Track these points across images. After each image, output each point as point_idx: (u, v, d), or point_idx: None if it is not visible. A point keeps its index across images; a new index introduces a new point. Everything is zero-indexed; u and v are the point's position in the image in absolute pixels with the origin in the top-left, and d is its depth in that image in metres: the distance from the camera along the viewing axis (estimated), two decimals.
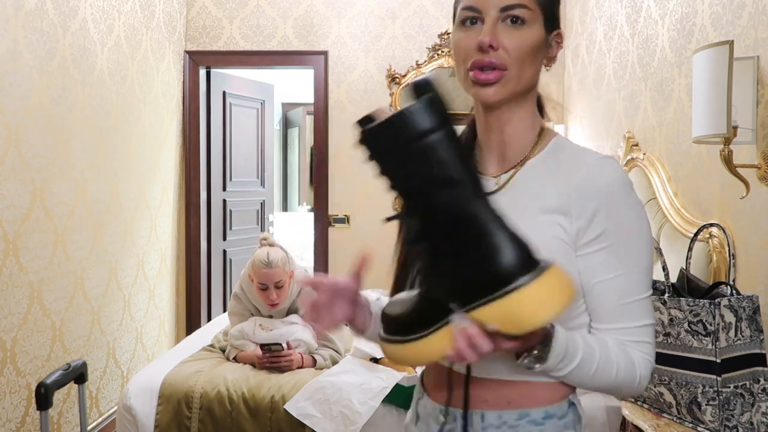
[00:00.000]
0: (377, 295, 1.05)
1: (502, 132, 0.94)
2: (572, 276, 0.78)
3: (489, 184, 0.94)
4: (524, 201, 0.88)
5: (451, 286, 0.71)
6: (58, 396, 2.69)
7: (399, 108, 0.70)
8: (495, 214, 0.70)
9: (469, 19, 0.90)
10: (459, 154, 0.70)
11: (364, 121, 0.71)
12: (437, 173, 0.68)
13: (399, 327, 0.78)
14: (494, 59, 0.87)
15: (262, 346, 2.41)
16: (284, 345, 2.43)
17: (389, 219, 0.75)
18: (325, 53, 4.06)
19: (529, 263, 0.68)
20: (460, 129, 0.95)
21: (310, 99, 4.33)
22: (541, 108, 0.98)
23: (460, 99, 1.02)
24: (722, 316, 1.51)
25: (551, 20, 0.92)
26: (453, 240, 0.70)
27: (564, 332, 0.80)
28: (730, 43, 1.59)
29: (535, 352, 0.79)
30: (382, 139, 0.69)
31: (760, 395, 1.52)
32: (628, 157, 2.64)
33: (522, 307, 0.67)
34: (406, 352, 0.77)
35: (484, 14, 0.88)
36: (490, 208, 0.70)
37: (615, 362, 0.84)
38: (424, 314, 0.76)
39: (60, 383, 1.80)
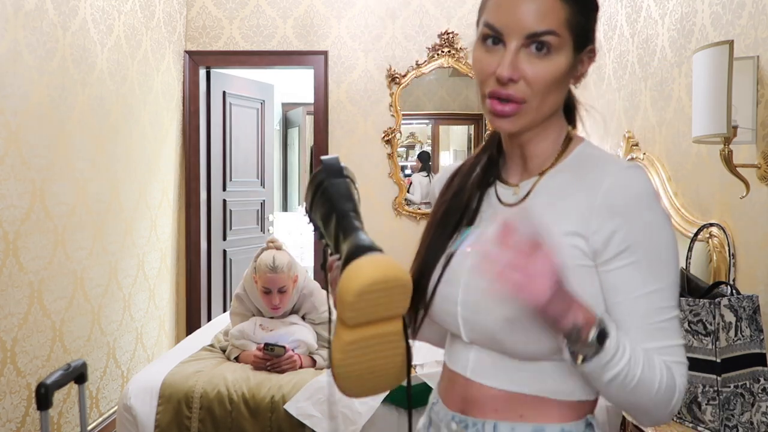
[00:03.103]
0: None
1: (524, 148, 0.90)
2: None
3: (507, 193, 0.92)
4: (545, 219, 0.82)
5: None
6: (58, 396, 2.69)
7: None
8: (358, 225, 0.93)
9: (490, 37, 0.82)
10: (344, 195, 0.96)
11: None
12: (333, 204, 0.95)
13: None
14: (513, 92, 0.81)
15: (266, 345, 2.41)
16: (286, 347, 2.43)
17: (319, 236, 1.01)
18: (325, 53, 4.06)
19: (373, 246, 0.86)
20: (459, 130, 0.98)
21: (310, 99, 4.33)
22: (571, 112, 0.93)
23: (460, 98, 1.02)
24: (722, 316, 1.51)
25: (583, 39, 0.83)
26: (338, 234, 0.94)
27: (614, 327, 0.77)
28: (730, 42, 1.59)
29: (591, 339, 0.74)
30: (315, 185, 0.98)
31: (760, 395, 1.52)
32: (628, 157, 2.63)
33: (355, 269, 0.82)
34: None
35: (506, 38, 0.80)
36: (359, 221, 0.94)
37: (659, 370, 0.78)
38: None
39: (60, 383, 1.80)
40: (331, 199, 0.94)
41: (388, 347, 0.86)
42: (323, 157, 0.98)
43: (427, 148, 4.96)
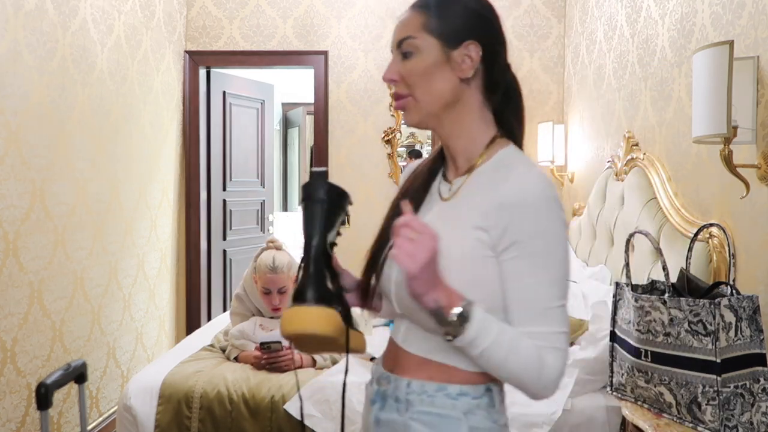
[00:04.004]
0: None
1: (448, 146, 1.05)
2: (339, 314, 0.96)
3: (444, 188, 1.06)
4: (462, 213, 0.98)
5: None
6: (58, 396, 2.69)
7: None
8: (316, 263, 0.98)
9: None
10: (317, 221, 0.99)
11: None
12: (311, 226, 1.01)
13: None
14: (397, 89, 1.02)
15: (262, 344, 2.41)
16: (283, 343, 2.43)
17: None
18: (325, 53, 4.06)
19: (316, 297, 0.95)
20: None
21: (310, 99, 4.33)
22: (508, 123, 1.04)
23: None
24: (722, 316, 1.51)
25: (454, 37, 0.98)
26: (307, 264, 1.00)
27: (481, 313, 0.89)
28: (730, 43, 1.59)
29: (451, 319, 0.88)
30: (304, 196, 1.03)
31: (760, 395, 1.52)
32: (628, 157, 2.63)
33: (290, 315, 0.94)
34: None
35: (393, 53, 1.03)
36: (328, 258, 1.00)
37: (525, 352, 0.90)
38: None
39: (60, 383, 1.80)
40: (309, 219, 1.00)
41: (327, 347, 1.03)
42: (313, 169, 1.03)
43: (427, 148, 4.97)
